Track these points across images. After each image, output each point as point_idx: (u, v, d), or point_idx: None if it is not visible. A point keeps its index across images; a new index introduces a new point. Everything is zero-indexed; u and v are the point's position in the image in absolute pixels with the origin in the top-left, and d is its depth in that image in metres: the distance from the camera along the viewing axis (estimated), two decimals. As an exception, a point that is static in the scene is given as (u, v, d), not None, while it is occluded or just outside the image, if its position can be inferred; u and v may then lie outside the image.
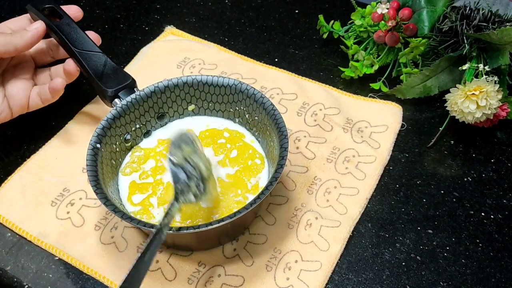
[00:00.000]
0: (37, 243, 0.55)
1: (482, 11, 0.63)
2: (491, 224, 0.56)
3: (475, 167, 0.61)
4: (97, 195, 0.48)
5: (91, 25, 0.78)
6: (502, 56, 0.60)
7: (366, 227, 0.56)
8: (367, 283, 0.52)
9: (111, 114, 0.55)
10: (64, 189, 0.59)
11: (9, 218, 0.56)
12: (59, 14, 0.61)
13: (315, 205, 0.57)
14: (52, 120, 0.66)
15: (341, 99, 0.67)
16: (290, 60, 0.73)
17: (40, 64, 0.64)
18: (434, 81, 0.65)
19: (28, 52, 0.62)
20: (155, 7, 0.81)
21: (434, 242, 0.54)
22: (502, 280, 0.52)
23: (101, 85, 0.57)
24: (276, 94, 0.67)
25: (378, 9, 0.67)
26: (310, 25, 0.77)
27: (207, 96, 0.59)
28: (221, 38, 0.76)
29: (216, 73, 0.69)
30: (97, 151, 0.52)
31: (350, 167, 0.60)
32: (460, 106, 0.59)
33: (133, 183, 0.55)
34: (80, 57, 0.59)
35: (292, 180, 0.59)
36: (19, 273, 0.53)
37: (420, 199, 0.58)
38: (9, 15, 0.79)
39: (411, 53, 0.66)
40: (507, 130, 0.64)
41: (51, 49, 0.63)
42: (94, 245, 0.54)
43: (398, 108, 0.65)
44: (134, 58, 0.73)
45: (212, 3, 0.82)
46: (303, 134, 0.63)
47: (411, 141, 0.63)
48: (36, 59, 0.63)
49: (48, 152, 0.62)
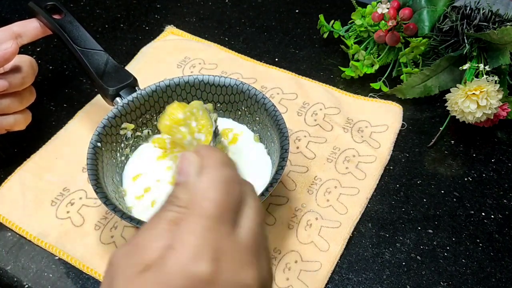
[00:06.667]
0: (37, 242, 0.55)
1: (483, 11, 0.63)
2: (491, 224, 0.56)
3: (475, 167, 0.61)
4: (97, 194, 0.48)
5: (91, 25, 0.78)
6: (503, 56, 0.60)
7: (366, 227, 0.56)
8: (367, 283, 0.52)
9: (112, 113, 0.55)
10: (64, 188, 0.58)
11: (9, 218, 0.56)
12: (61, 11, 0.61)
13: (315, 205, 0.57)
14: (52, 120, 0.66)
15: (341, 99, 0.67)
16: (290, 60, 0.73)
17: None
18: (435, 80, 0.65)
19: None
20: (155, 7, 0.81)
21: (435, 242, 0.54)
22: (502, 280, 0.52)
23: (102, 84, 0.57)
24: (276, 94, 0.67)
25: (378, 8, 0.67)
26: (310, 25, 0.77)
27: (208, 96, 0.59)
28: (221, 38, 0.76)
29: (216, 73, 0.69)
30: (97, 150, 0.52)
31: (350, 167, 0.60)
32: (460, 106, 0.59)
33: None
34: (82, 55, 0.59)
35: (292, 180, 0.59)
36: (19, 272, 0.53)
37: (420, 199, 0.58)
38: (10, 14, 0.80)
39: (411, 52, 0.66)
40: (508, 130, 0.64)
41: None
42: (94, 245, 0.54)
43: (398, 108, 0.65)
44: (134, 57, 0.73)
45: (212, 2, 0.82)
46: (303, 134, 0.63)
47: (411, 141, 0.63)
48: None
49: (48, 152, 0.62)
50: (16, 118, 0.57)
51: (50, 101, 0.68)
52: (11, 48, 0.53)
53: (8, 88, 0.54)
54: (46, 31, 0.61)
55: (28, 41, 0.60)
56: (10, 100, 0.56)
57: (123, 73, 0.59)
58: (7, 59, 0.53)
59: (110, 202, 0.48)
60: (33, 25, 0.60)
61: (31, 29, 0.60)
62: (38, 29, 0.60)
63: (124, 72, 0.59)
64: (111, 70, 0.59)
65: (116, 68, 0.59)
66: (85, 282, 0.52)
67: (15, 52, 0.54)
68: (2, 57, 0.53)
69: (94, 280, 0.52)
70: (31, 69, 0.57)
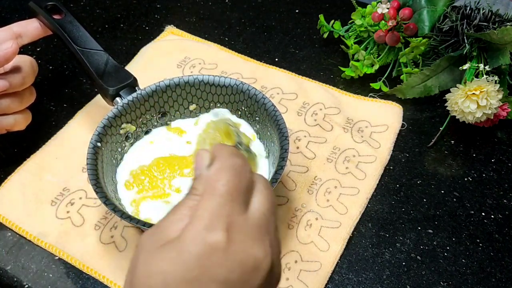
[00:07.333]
0: (37, 242, 0.55)
1: (483, 11, 0.63)
2: (491, 224, 0.56)
3: (475, 167, 0.61)
4: (97, 194, 0.48)
5: (91, 25, 0.78)
6: (503, 56, 0.60)
7: (367, 227, 0.56)
8: (367, 283, 0.52)
9: (112, 113, 0.55)
10: (64, 188, 0.58)
11: (9, 218, 0.56)
12: (61, 11, 0.61)
13: (315, 205, 0.57)
14: (52, 120, 0.66)
15: (341, 99, 0.67)
16: (290, 60, 0.73)
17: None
18: (435, 80, 0.65)
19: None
20: (155, 7, 0.81)
21: (435, 242, 0.54)
22: (502, 280, 0.52)
23: (102, 84, 0.57)
24: (276, 94, 0.67)
25: (378, 8, 0.67)
26: (310, 25, 0.77)
27: (208, 96, 0.59)
28: (221, 38, 0.76)
29: (216, 73, 0.69)
30: (97, 149, 0.52)
31: (350, 167, 0.60)
32: (460, 106, 0.59)
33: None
34: (82, 55, 0.59)
35: (292, 180, 0.59)
36: (19, 272, 0.53)
37: (420, 199, 0.58)
38: (10, 14, 0.80)
39: (411, 52, 0.66)
40: (508, 130, 0.64)
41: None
42: (94, 245, 0.54)
43: (398, 108, 0.65)
44: (134, 57, 0.73)
45: (212, 3, 0.82)
46: (303, 134, 0.63)
47: (411, 141, 0.63)
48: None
49: (48, 152, 0.62)
50: (16, 118, 0.57)
51: (50, 101, 0.68)
52: (11, 48, 0.53)
53: (8, 88, 0.54)
54: (46, 31, 0.61)
55: (29, 41, 0.60)
56: (10, 100, 0.56)
57: (123, 73, 0.59)
58: (7, 59, 0.53)
59: (110, 202, 0.48)
60: (34, 25, 0.60)
61: (32, 29, 0.60)
62: (39, 29, 0.60)
63: (124, 72, 0.59)
64: (111, 70, 0.59)
65: (116, 68, 0.59)
66: (85, 282, 0.52)
67: (15, 52, 0.54)
68: (2, 57, 0.53)
69: (94, 280, 0.52)
70: (32, 69, 0.57)
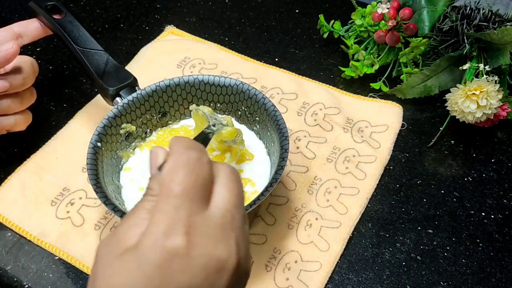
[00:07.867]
0: (37, 242, 0.55)
1: (483, 11, 0.63)
2: (491, 224, 0.56)
3: (475, 167, 0.61)
4: (97, 194, 0.48)
5: (91, 25, 0.78)
6: (503, 56, 0.60)
7: (366, 227, 0.56)
8: (368, 283, 0.52)
9: (112, 113, 0.55)
10: (64, 188, 0.58)
11: (9, 218, 0.56)
12: (61, 11, 0.61)
13: (315, 205, 0.57)
14: (52, 120, 0.66)
15: (341, 99, 0.67)
16: (290, 60, 0.73)
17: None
18: (435, 80, 0.65)
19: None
20: (155, 7, 0.81)
21: (435, 242, 0.54)
22: (502, 280, 0.52)
23: (102, 84, 0.57)
24: (276, 94, 0.67)
25: (378, 8, 0.67)
26: (310, 25, 0.77)
27: (208, 96, 0.59)
28: (221, 38, 0.76)
29: (216, 73, 0.69)
30: (97, 149, 0.52)
31: (350, 167, 0.60)
32: (460, 106, 0.59)
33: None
34: (82, 55, 0.59)
35: (292, 180, 0.59)
36: (19, 272, 0.53)
37: (420, 199, 0.58)
38: (10, 14, 0.80)
39: (411, 52, 0.66)
40: (508, 130, 0.64)
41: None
42: (94, 245, 0.54)
43: (398, 108, 0.65)
44: (134, 57, 0.73)
45: (212, 2, 0.82)
46: (303, 134, 0.63)
47: (411, 141, 0.63)
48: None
49: (48, 152, 0.62)
50: (16, 118, 0.57)
51: (50, 101, 0.68)
52: (12, 49, 0.53)
53: (8, 88, 0.54)
54: (46, 31, 0.61)
55: (29, 41, 0.60)
56: (10, 101, 0.56)
57: (123, 73, 0.59)
58: (8, 59, 0.53)
59: (110, 202, 0.48)
60: (34, 25, 0.60)
61: (32, 29, 0.60)
62: (39, 29, 0.60)
63: (124, 72, 0.59)
64: (111, 70, 0.59)
65: (116, 68, 0.59)
66: (85, 282, 0.52)
67: (16, 53, 0.54)
68: (3, 58, 0.52)
69: (94, 280, 0.52)
70: (32, 70, 0.57)
